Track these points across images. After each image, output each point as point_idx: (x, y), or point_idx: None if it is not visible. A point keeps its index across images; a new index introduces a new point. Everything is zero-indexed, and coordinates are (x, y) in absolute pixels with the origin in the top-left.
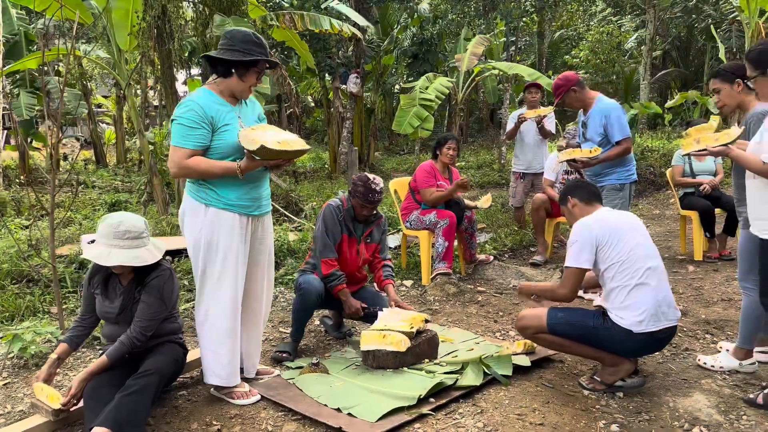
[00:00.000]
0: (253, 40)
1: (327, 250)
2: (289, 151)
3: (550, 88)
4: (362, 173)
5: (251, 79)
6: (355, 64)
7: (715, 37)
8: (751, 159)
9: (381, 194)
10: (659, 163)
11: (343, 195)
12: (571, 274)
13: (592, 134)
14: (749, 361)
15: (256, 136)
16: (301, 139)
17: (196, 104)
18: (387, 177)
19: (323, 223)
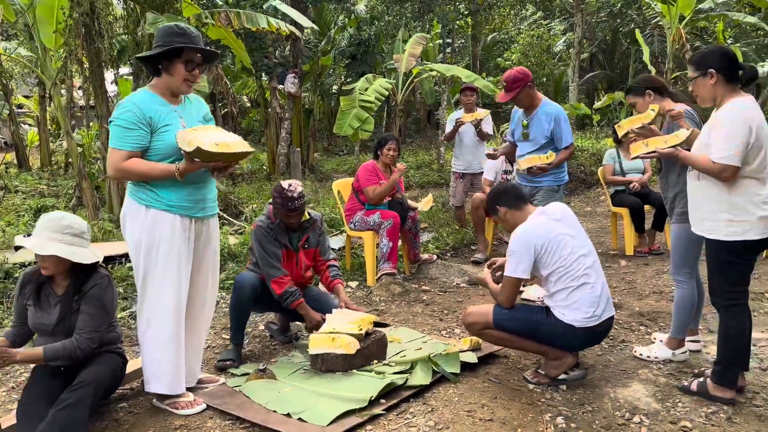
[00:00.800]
0: (175, 32)
1: (273, 271)
2: (227, 154)
3: (487, 90)
4: (277, 184)
5: (179, 71)
6: (292, 64)
7: (638, 41)
8: (700, 159)
9: (301, 199)
10: (589, 162)
11: (270, 207)
12: (508, 283)
13: (537, 135)
14: (681, 350)
15: (193, 137)
16: (243, 141)
17: (133, 105)
18: (327, 178)
19: (259, 245)
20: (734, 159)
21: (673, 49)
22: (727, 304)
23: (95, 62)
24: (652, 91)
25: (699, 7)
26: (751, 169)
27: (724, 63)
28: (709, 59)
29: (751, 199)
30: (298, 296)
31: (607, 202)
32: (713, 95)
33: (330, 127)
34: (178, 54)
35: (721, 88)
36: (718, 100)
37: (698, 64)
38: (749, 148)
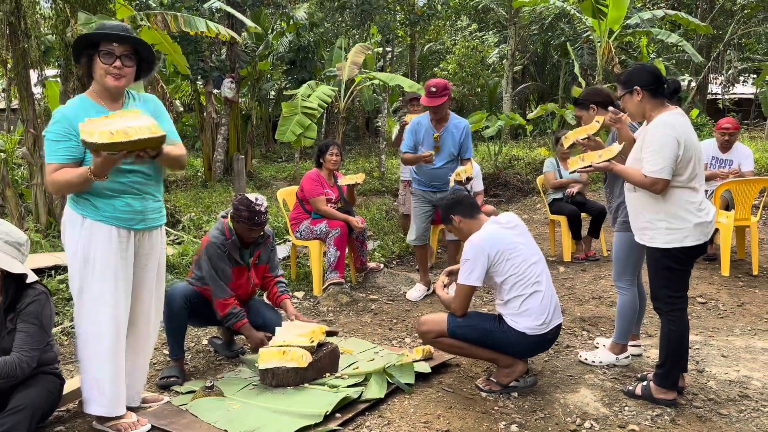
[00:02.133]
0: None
1: (219, 291)
2: (122, 143)
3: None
4: (242, 196)
5: (100, 65)
6: (229, 69)
7: (568, 54)
8: (633, 173)
9: (266, 214)
10: (525, 171)
11: (224, 220)
12: (462, 291)
13: (449, 147)
14: (624, 355)
15: (92, 128)
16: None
17: (61, 115)
18: (266, 185)
19: (210, 265)
20: (664, 172)
21: (602, 62)
22: (668, 309)
23: (21, 63)
24: (595, 105)
25: (626, 23)
26: (682, 179)
27: (649, 79)
28: (634, 77)
29: (686, 207)
30: (242, 317)
31: (544, 209)
32: (641, 111)
33: (268, 133)
34: (94, 47)
35: (648, 103)
36: (647, 114)
37: (625, 83)
38: (678, 161)
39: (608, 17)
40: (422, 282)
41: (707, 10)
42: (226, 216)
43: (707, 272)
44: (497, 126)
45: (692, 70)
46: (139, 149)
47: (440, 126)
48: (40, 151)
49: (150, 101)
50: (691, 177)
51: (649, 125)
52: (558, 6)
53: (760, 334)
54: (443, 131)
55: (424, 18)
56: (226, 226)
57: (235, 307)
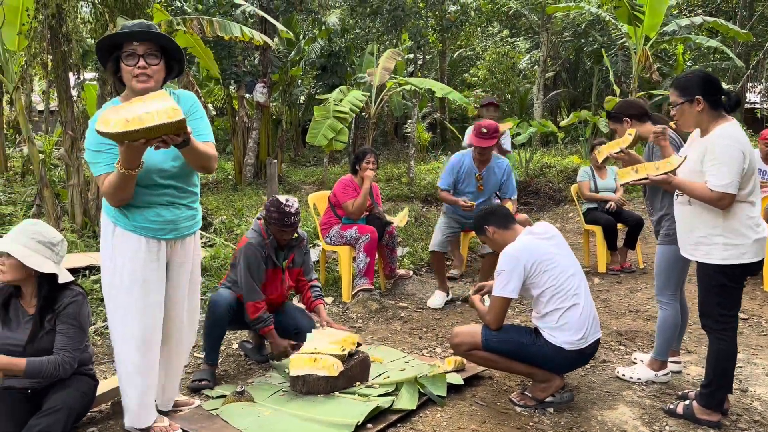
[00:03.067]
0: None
1: (252, 294)
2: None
3: (462, 102)
4: (273, 198)
5: (125, 68)
6: (261, 74)
7: (600, 61)
8: (696, 187)
9: (297, 215)
10: (557, 179)
11: (259, 222)
12: (497, 303)
13: (491, 187)
14: (664, 372)
15: (106, 116)
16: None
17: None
18: (295, 189)
19: (246, 266)
20: (731, 187)
21: (638, 69)
22: (719, 327)
23: (61, 66)
24: (629, 118)
25: (663, 30)
26: (743, 193)
27: (710, 89)
28: (696, 85)
29: (746, 222)
30: (270, 323)
31: (578, 219)
32: (698, 122)
33: (297, 138)
34: (118, 48)
35: (707, 114)
36: (704, 126)
37: (683, 89)
38: (743, 175)
39: (644, 24)
40: (441, 289)
41: (746, 17)
42: (261, 218)
43: (749, 287)
44: (529, 133)
45: (730, 78)
46: (157, 136)
47: (483, 166)
48: (77, 153)
49: (187, 98)
50: (752, 191)
51: (710, 137)
52: (592, 12)
53: None
54: (486, 171)
55: (457, 24)
56: (262, 227)
57: (265, 312)
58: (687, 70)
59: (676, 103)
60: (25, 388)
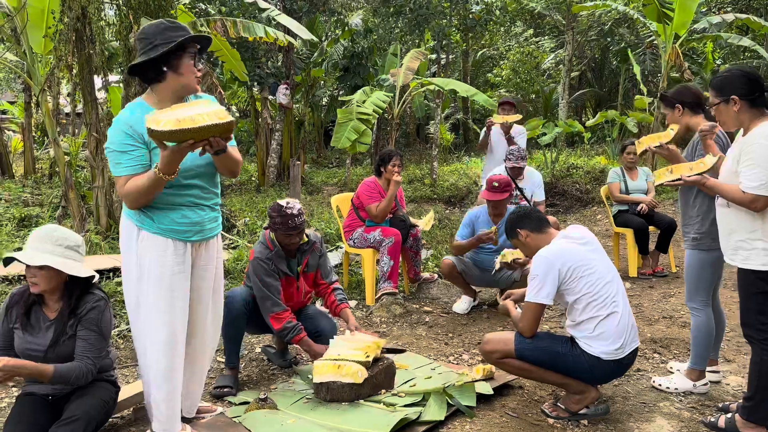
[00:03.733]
0: (169, 26)
1: (272, 306)
2: (188, 130)
3: (486, 104)
4: (274, 203)
5: (188, 68)
6: (284, 75)
7: (627, 60)
8: (730, 189)
9: (301, 216)
10: (584, 180)
11: (266, 231)
12: (529, 309)
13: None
14: (702, 382)
15: (156, 117)
16: (222, 110)
17: (123, 123)
18: (318, 191)
19: (258, 280)
20: (764, 188)
21: (667, 68)
22: (762, 337)
23: (86, 69)
24: (682, 106)
25: (693, 28)
26: None
27: (748, 87)
28: (731, 84)
29: None
30: (299, 331)
31: (607, 221)
32: (738, 121)
33: (320, 139)
34: (183, 49)
35: (746, 113)
36: (745, 125)
37: (720, 89)
38: None
39: (674, 21)
40: (467, 293)
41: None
42: (267, 227)
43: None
44: (554, 133)
45: (762, 76)
46: (206, 137)
47: (498, 219)
48: (102, 155)
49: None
50: None
51: (747, 137)
52: (620, 11)
53: None
54: (500, 224)
55: (481, 23)
56: (268, 237)
57: (290, 321)
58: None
59: (713, 104)
60: (47, 395)
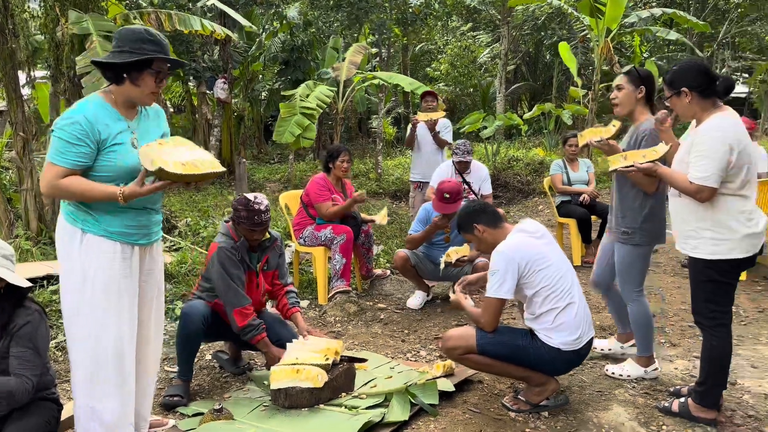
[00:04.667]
0: (145, 38)
1: (239, 298)
2: (193, 175)
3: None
4: (240, 196)
5: (148, 83)
6: (222, 69)
7: (560, 54)
8: (678, 177)
9: (267, 213)
10: (525, 171)
11: (227, 224)
12: (491, 305)
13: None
14: (652, 367)
15: (157, 155)
16: (214, 159)
17: (82, 117)
18: (260, 187)
19: (224, 271)
20: (711, 180)
21: (600, 61)
22: (711, 324)
23: (9, 64)
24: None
25: (623, 22)
26: (732, 186)
27: (698, 79)
28: (681, 78)
29: (736, 217)
30: (262, 330)
31: (549, 211)
32: (691, 112)
33: (260, 135)
34: (149, 64)
35: (698, 105)
36: (698, 116)
37: (670, 83)
38: (731, 168)
39: (606, 16)
40: (420, 288)
41: (699, 9)
42: (229, 220)
43: None
44: (495, 126)
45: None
46: (199, 181)
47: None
48: (29, 155)
49: (160, 113)
50: (743, 184)
51: (699, 127)
52: (555, 5)
53: None
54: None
55: (421, 17)
56: (231, 229)
57: (255, 318)
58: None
59: (667, 97)
60: None
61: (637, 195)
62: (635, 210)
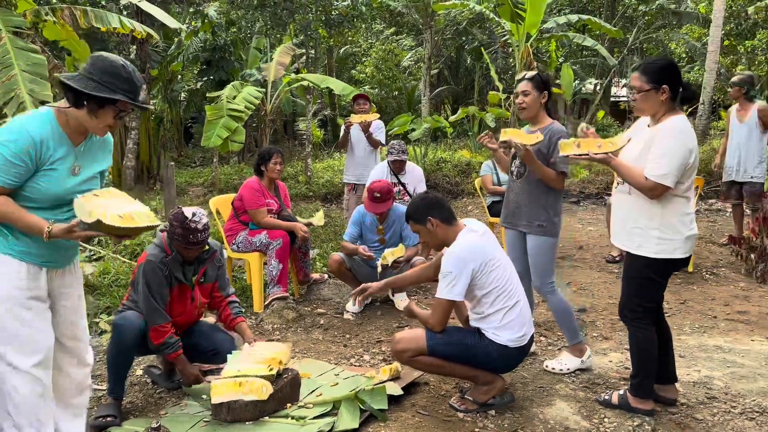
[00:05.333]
0: (119, 74)
1: (156, 316)
2: (131, 228)
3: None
4: (177, 211)
5: (106, 118)
6: (139, 69)
7: (482, 57)
8: (634, 172)
9: (206, 231)
10: (453, 173)
11: (162, 234)
12: (441, 306)
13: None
14: (587, 355)
15: (93, 207)
16: (150, 212)
17: (29, 135)
18: (182, 192)
19: (146, 285)
20: (667, 179)
21: (521, 66)
22: (634, 317)
23: None
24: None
25: (542, 27)
26: (683, 188)
27: (676, 79)
28: (666, 74)
29: (681, 218)
30: (178, 348)
31: (478, 211)
32: (656, 109)
33: (180, 137)
34: (114, 101)
35: (666, 104)
36: (659, 115)
37: (652, 76)
38: (687, 169)
39: (526, 21)
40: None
41: (609, 16)
42: (165, 230)
43: None
44: (423, 128)
45: (597, 73)
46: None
47: (383, 220)
48: None
49: (108, 143)
50: (689, 186)
51: (662, 126)
52: (476, 10)
53: (708, 332)
54: (386, 223)
55: (348, 19)
56: (165, 240)
57: (171, 336)
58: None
59: (641, 89)
60: None
61: (549, 191)
62: (548, 205)
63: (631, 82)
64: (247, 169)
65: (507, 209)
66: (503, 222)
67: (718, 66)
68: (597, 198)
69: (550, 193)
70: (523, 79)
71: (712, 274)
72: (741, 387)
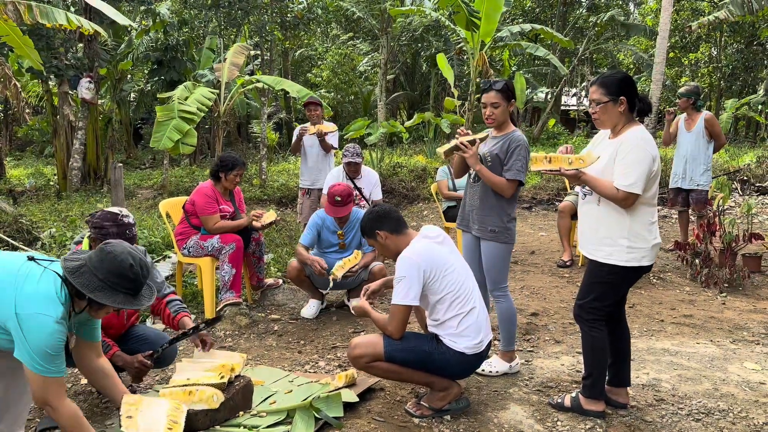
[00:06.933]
0: (126, 276)
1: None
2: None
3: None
4: (103, 212)
5: (105, 312)
6: (87, 67)
7: (437, 65)
8: (604, 185)
9: (135, 226)
10: (409, 178)
11: (78, 247)
12: (398, 311)
13: (353, 242)
14: (515, 362)
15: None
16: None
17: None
18: (131, 194)
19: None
20: (636, 187)
21: (476, 73)
22: (589, 317)
23: None
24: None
25: (496, 36)
26: (648, 195)
27: (632, 92)
28: (624, 87)
29: (648, 227)
30: (108, 348)
31: (434, 216)
32: (615, 121)
33: (129, 138)
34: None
35: (625, 116)
36: (619, 127)
37: (610, 88)
38: (651, 176)
39: (481, 29)
40: (314, 297)
41: (561, 26)
42: (81, 242)
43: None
44: (379, 133)
45: (548, 82)
46: None
47: (343, 223)
48: None
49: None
50: (655, 193)
51: (623, 137)
52: (433, 17)
53: (656, 335)
54: (346, 227)
55: (304, 21)
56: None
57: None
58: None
59: (600, 101)
60: None
61: (500, 198)
62: (501, 211)
63: (590, 96)
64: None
65: (462, 212)
66: (459, 225)
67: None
68: (548, 204)
69: (502, 199)
70: (491, 89)
71: (659, 279)
72: (687, 389)
